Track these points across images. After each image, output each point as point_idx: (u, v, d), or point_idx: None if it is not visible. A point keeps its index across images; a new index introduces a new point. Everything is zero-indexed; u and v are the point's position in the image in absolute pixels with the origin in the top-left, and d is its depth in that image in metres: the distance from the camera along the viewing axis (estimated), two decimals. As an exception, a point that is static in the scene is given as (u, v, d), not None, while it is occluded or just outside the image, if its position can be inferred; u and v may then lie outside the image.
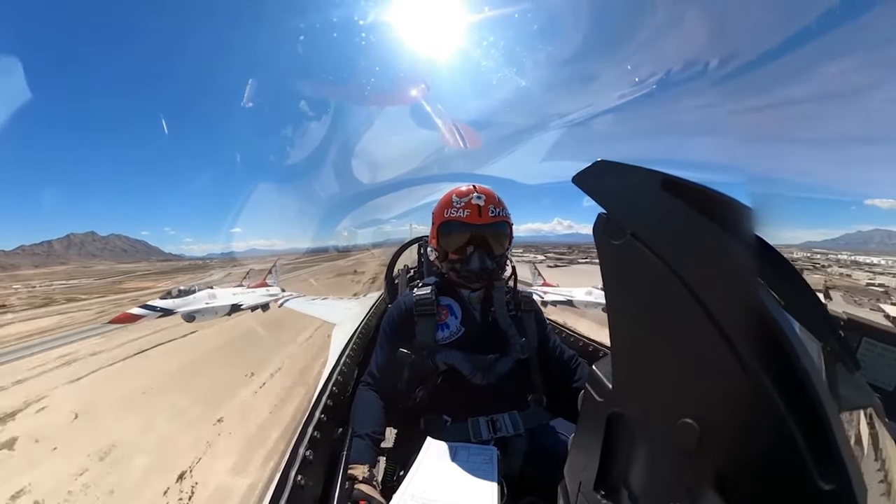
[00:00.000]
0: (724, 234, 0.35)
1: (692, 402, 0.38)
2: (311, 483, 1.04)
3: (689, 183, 0.40)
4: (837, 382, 0.53)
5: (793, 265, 0.48)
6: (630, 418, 0.48)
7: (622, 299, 0.49)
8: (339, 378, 1.64)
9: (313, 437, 1.18)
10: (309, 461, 1.08)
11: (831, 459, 0.30)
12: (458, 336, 1.48)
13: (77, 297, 48.93)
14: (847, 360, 0.56)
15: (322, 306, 17.63)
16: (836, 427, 0.30)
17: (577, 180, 0.53)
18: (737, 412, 0.34)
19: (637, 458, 0.47)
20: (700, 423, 0.36)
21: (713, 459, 0.35)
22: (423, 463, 1.07)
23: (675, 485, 0.40)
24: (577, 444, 0.61)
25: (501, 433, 1.33)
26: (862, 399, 0.61)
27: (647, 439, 0.46)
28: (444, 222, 1.53)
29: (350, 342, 2.20)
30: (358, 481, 1.11)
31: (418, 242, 3.41)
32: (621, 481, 0.50)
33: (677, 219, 0.39)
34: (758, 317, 0.33)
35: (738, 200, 0.37)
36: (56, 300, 45.86)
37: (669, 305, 0.40)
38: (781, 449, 0.31)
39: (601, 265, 0.49)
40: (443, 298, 1.55)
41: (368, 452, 1.26)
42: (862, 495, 0.30)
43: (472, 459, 1.08)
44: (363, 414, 1.40)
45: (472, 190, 1.52)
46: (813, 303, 0.53)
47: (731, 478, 0.34)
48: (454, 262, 1.53)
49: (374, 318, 2.93)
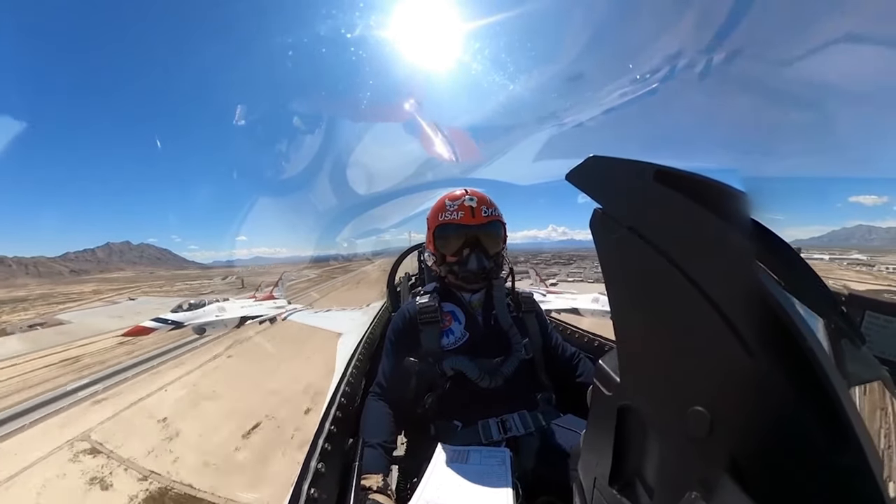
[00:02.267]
0: (719, 221, 0.36)
1: (701, 390, 0.38)
2: (325, 496, 1.04)
3: (681, 172, 0.40)
4: (844, 358, 0.53)
5: (790, 245, 0.49)
6: (640, 410, 0.48)
7: (624, 293, 0.49)
8: (346, 389, 1.64)
9: (324, 450, 1.17)
10: (321, 473, 1.08)
11: (845, 436, 0.30)
12: (462, 341, 1.48)
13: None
14: (852, 335, 0.56)
15: (325, 318, 17.72)
16: (847, 403, 0.30)
17: (570, 178, 0.53)
18: (746, 396, 0.34)
19: (649, 449, 0.47)
20: (710, 410, 0.36)
21: (726, 445, 0.35)
22: (436, 468, 1.07)
23: (689, 473, 0.40)
24: (588, 440, 0.61)
25: (512, 433, 1.33)
26: (871, 373, 0.61)
27: (658, 430, 0.46)
28: (440, 226, 1.55)
29: (356, 352, 2.19)
30: (372, 491, 1.11)
31: (417, 250, 3.41)
32: (635, 474, 0.50)
33: (672, 209, 0.40)
34: (760, 300, 0.33)
35: (731, 186, 0.37)
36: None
37: (671, 295, 0.40)
38: (793, 429, 0.31)
39: (600, 260, 0.49)
40: (445, 305, 1.56)
41: (381, 461, 1.26)
42: (878, 470, 0.30)
43: (485, 462, 1.08)
44: (374, 424, 1.40)
45: (464, 193, 1.55)
46: (813, 281, 0.53)
47: (744, 462, 0.34)
48: (452, 264, 1.54)
49: (378, 328, 2.93)
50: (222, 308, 19.74)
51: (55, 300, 68.82)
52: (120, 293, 59.45)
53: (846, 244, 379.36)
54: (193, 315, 18.35)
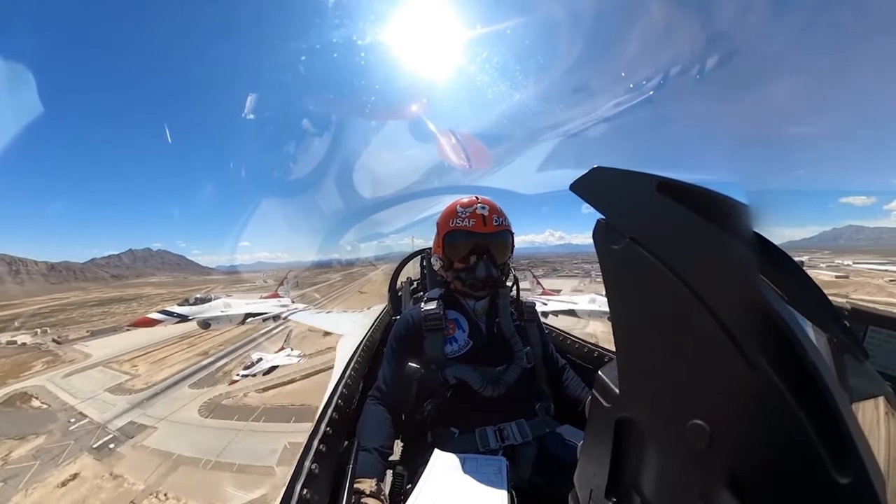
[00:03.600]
0: (722, 233, 0.35)
1: (701, 404, 0.38)
2: (317, 497, 1.03)
3: (684, 184, 0.40)
4: (847, 373, 0.53)
5: (793, 259, 0.48)
6: (639, 422, 0.48)
7: (625, 304, 0.49)
8: (344, 391, 1.63)
9: (319, 451, 1.16)
10: (314, 475, 1.07)
11: (847, 452, 0.29)
12: (466, 350, 1.48)
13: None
14: (855, 351, 0.56)
15: (327, 318, 17.81)
16: (850, 419, 0.30)
17: (574, 188, 0.53)
18: (747, 411, 0.34)
19: (647, 462, 0.47)
20: (710, 423, 0.36)
21: (725, 460, 0.35)
22: (432, 475, 1.06)
23: (687, 487, 0.40)
24: (586, 451, 0.60)
25: (509, 441, 1.32)
26: (873, 388, 0.61)
27: (657, 443, 0.45)
28: (450, 232, 1.55)
29: (355, 355, 2.19)
30: (365, 495, 1.10)
31: (420, 255, 3.42)
32: (632, 487, 0.50)
33: (675, 220, 0.40)
34: (762, 313, 0.33)
35: (733, 198, 0.37)
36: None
37: (673, 307, 0.40)
38: (794, 445, 0.31)
39: (602, 271, 0.49)
40: (450, 312, 1.56)
41: (376, 466, 1.26)
42: (880, 487, 0.29)
43: (481, 470, 1.07)
44: (371, 428, 1.39)
45: (476, 201, 1.55)
46: (816, 295, 0.53)
47: (744, 477, 0.34)
48: (459, 270, 1.54)
49: (378, 331, 2.92)
50: (228, 304, 19.86)
51: (148, 301, 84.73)
52: (187, 295, 74.43)
53: (834, 244, 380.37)
54: (199, 309, 18.45)
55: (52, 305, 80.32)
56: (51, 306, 78.44)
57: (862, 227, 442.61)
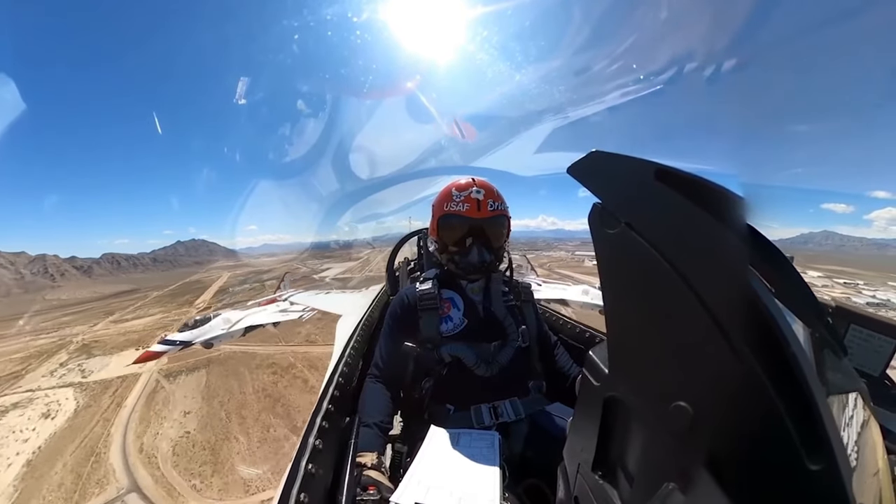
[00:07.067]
0: (716, 224, 0.36)
1: (685, 387, 0.39)
2: (322, 471, 1.06)
3: (682, 173, 0.40)
4: (825, 368, 0.54)
5: (783, 254, 0.49)
6: (626, 402, 0.50)
7: (617, 287, 0.49)
8: (344, 369, 1.66)
9: (322, 427, 1.19)
10: (318, 450, 1.10)
11: (819, 441, 0.31)
12: (461, 328, 1.49)
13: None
14: (835, 346, 0.57)
15: (326, 299, 17.81)
16: (824, 410, 0.31)
17: (572, 171, 0.53)
18: (728, 396, 0.35)
19: (633, 440, 0.49)
20: (693, 406, 0.37)
21: (705, 441, 0.37)
22: (428, 450, 1.10)
23: (668, 465, 0.42)
24: (575, 427, 0.63)
25: (503, 419, 1.36)
26: (849, 384, 0.63)
27: (642, 422, 0.47)
28: (444, 215, 1.54)
29: (354, 334, 2.21)
30: (367, 468, 1.13)
31: (418, 235, 3.41)
32: (618, 462, 0.52)
33: (670, 208, 0.40)
34: (749, 304, 0.34)
35: (730, 190, 0.37)
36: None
37: (663, 293, 0.41)
38: (771, 431, 0.32)
39: (596, 254, 0.50)
40: (445, 291, 1.56)
41: (377, 441, 1.28)
42: (847, 475, 0.31)
43: (475, 445, 1.11)
44: (371, 404, 1.42)
45: (472, 184, 1.52)
46: (802, 290, 0.54)
47: (722, 459, 0.35)
48: (454, 253, 1.54)
49: (376, 311, 2.94)
50: (227, 320, 19.64)
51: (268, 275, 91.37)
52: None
53: (803, 248, 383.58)
54: (200, 332, 18.28)
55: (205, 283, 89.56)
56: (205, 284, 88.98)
57: (832, 233, 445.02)
